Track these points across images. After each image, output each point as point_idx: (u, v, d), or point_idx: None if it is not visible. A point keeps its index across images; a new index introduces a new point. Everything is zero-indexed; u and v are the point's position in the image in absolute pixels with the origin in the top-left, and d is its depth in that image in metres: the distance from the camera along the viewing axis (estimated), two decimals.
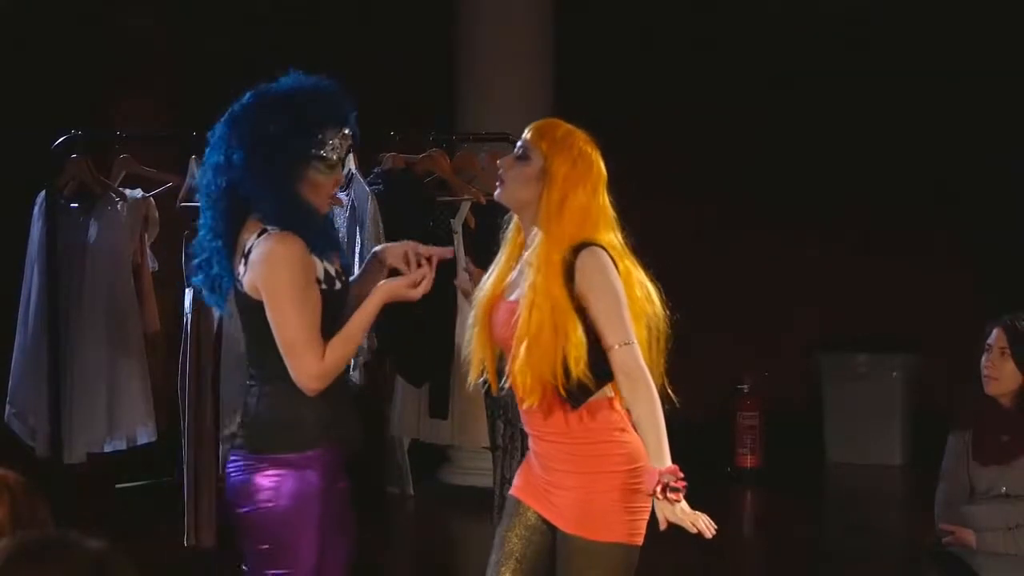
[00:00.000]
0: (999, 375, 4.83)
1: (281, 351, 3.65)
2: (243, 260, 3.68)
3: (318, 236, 3.72)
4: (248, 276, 3.67)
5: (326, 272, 3.73)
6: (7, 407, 5.98)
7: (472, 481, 8.10)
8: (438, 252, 3.89)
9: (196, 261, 3.81)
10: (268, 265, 3.63)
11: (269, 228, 3.65)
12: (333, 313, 3.70)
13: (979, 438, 4.84)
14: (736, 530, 8.67)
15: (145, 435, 5.92)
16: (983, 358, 4.87)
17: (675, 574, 6.99)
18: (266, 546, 3.70)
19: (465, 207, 6.18)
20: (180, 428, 5.80)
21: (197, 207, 5.83)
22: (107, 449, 5.94)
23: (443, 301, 5.74)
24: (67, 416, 5.81)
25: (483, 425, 6.08)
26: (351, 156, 4.69)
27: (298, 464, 3.68)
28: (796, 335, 9.79)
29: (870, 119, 9.72)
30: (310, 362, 3.63)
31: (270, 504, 3.68)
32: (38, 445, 5.90)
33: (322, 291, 3.69)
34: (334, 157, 3.73)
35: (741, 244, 9.99)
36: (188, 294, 5.82)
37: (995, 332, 4.86)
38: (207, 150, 3.79)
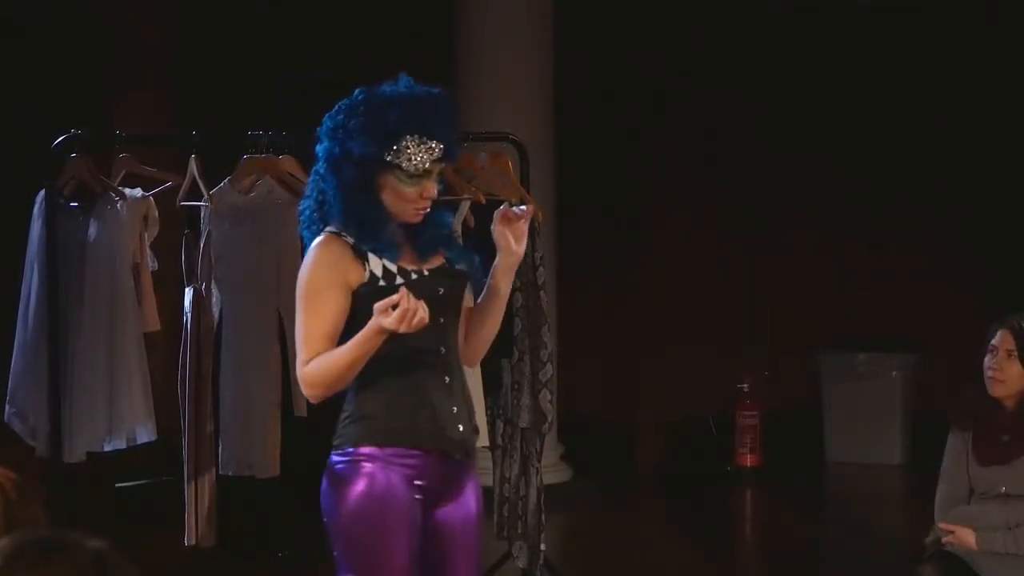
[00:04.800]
0: (1005, 377, 4.76)
1: None
2: None
3: (376, 235, 3.65)
4: None
5: (385, 269, 3.66)
6: (7, 406, 5.98)
7: None
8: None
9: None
10: (303, 263, 3.67)
11: (326, 230, 3.66)
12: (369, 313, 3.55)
13: (979, 438, 4.81)
14: (736, 530, 8.67)
15: (145, 434, 5.91)
16: (987, 360, 4.79)
17: (676, 573, 6.99)
18: (341, 544, 3.69)
19: (465, 207, 6.16)
20: (180, 428, 5.80)
21: (197, 207, 5.89)
22: (107, 448, 5.93)
23: None
24: (67, 415, 5.80)
25: (483, 425, 6.07)
26: None
27: (367, 460, 3.65)
28: (796, 335, 9.78)
29: (872, 118, 9.71)
30: (299, 366, 3.64)
31: (343, 501, 3.66)
32: (38, 444, 5.90)
33: (359, 291, 3.62)
34: (412, 167, 3.62)
35: (741, 243, 9.98)
36: (188, 294, 5.81)
37: (1000, 334, 4.78)
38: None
